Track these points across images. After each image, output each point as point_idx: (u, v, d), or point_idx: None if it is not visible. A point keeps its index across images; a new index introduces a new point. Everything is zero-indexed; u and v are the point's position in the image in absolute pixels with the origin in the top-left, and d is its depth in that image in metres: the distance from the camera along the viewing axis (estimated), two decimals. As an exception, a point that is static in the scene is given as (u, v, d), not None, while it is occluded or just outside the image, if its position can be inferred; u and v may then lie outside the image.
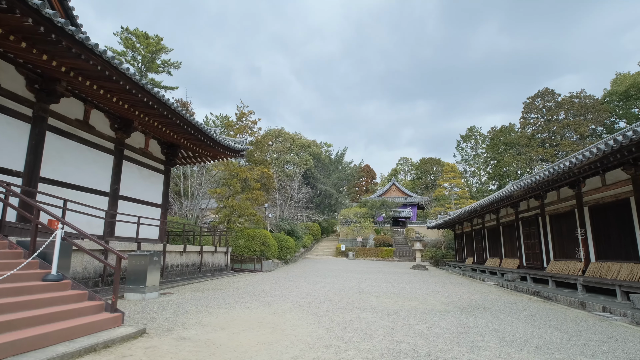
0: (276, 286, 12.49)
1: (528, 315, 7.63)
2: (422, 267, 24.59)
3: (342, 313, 7.39)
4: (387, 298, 9.93)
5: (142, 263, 9.14)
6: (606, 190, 11.39)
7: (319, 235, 47.30)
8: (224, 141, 17.33)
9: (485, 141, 55.23)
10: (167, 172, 17.27)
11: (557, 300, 11.11)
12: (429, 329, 6.01)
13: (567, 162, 9.98)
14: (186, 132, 14.40)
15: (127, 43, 28.23)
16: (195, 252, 15.64)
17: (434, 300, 9.65)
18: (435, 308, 8.32)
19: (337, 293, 10.87)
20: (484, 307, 8.65)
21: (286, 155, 46.60)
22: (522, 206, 17.70)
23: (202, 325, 6.04)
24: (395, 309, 8.11)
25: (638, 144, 7.27)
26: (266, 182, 26.82)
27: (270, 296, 9.84)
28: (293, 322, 6.42)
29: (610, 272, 10.93)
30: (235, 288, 11.68)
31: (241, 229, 23.18)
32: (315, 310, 7.63)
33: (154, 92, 11.09)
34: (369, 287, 12.85)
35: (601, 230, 11.87)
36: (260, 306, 8.11)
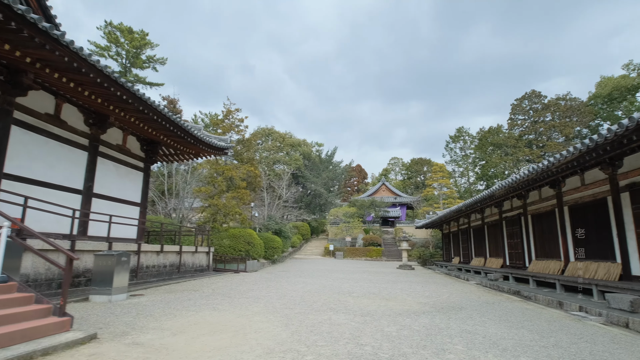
0: (255, 287, 12.24)
1: (503, 315, 7.50)
2: (409, 266, 24.51)
3: (314, 315, 7.18)
4: (365, 299, 9.75)
5: (109, 264, 8.82)
6: (585, 190, 11.36)
7: (309, 235, 47.07)
8: (206, 138, 17.02)
9: (474, 142, 55.56)
10: (147, 169, 16.88)
11: (537, 300, 11.04)
12: (399, 330, 5.82)
13: (546, 161, 9.90)
14: (165, 129, 14.07)
15: (110, 37, 27.67)
16: (174, 252, 15.30)
17: (412, 301, 9.50)
18: (412, 309, 8.16)
19: (316, 293, 10.66)
20: (460, 307, 8.52)
21: (276, 154, 46.29)
22: (505, 206, 17.69)
23: (162, 329, 5.78)
24: (371, 309, 7.92)
25: (613, 142, 7.18)
26: (252, 181, 26.50)
27: (245, 297, 9.60)
28: (260, 324, 6.20)
29: (588, 272, 10.89)
30: (211, 289, 11.40)
31: (226, 228, 22.85)
32: (287, 312, 7.41)
33: (128, 86, 10.75)
34: (350, 287, 12.67)
35: (580, 229, 11.83)
36: (231, 308, 7.87)
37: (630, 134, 6.67)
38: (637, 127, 6.40)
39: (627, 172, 9.50)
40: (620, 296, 8.02)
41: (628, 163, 9.44)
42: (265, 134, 47.97)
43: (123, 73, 29.38)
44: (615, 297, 8.15)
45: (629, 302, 7.71)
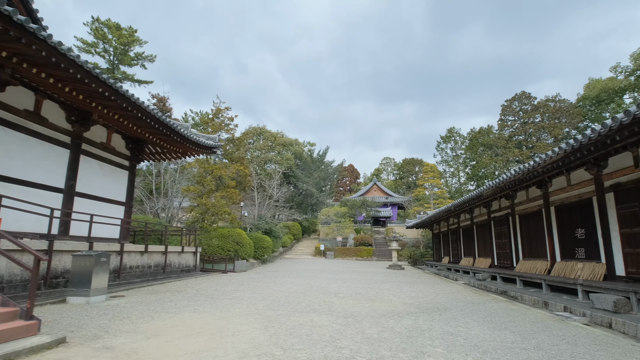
0: (241, 288, 12.07)
1: (487, 316, 7.44)
2: (398, 266, 24.48)
3: (296, 316, 7.05)
4: (350, 299, 9.65)
5: (87, 264, 8.60)
6: (571, 190, 11.38)
7: (300, 235, 46.92)
8: (193, 137, 16.81)
9: (464, 142, 55.86)
10: (132, 168, 16.64)
11: (523, 300, 11.03)
12: (380, 332, 5.72)
13: (532, 161, 9.88)
14: (150, 127, 13.86)
15: (97, 34, 27.19)
16: (159, 253, 15.06)
17: (398, 301, 9.41)
18: (396, 309, 8.07)
19: (301, 294, 10.53)
20: (445, 308, 8.45)
21: (267, 153, 46.05)
22: (494, 206, 17.72)
23: (136, 332, 5.61)
24: (355, 311, 7.82)
25: (597, 143, 7.16)
26: (242, 181, 26.28)
27: (228, 298, 9.44)
28: (239, 327, 6.05)
29: (573, 272, 10.91)
30: (195, 290, 11.22)
31: (214, 228, 22.62)
32: (269, 314, 7.27)
33: (110, 82, 10.54)
34: (337, 287, 12.57)
35: (566, 230, 11.86)
36: (212, 309, 7.71)
37: (613, 134, 6.65)
38: (620, 127, 6.37)
39: (611, 172, 9.52)
40: (603, 296, 8.02)
41: (613, 164, 9.46)
42: (257, 133, 47.71)
43: (111, 70, 28.96)
44: (599, 297, 8.15)
45: (612, 303, 7.70)
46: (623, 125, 6.30)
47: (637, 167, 8.63)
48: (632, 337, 6.30)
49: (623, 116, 6.25)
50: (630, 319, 6.97)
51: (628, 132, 6.39)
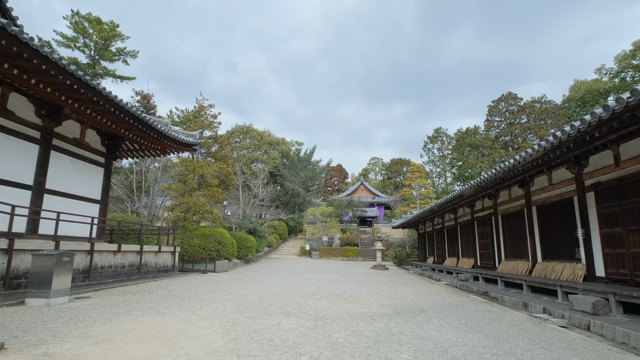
0: (216, 288, 11.68)
1: (463, 318, 7.20)
2: (383, 266, 24.27)
3: (264, 319, 6.71)
4: (326, 301, 9.34)
5: (48, 264, 8.13)
6: (552, 189, 11.25)
7: (286, 235, 46.51)
8: (171, 133, 16.35)
9: (451, 143, 56.05)
10: (109, 165, 16.14)
11: (503, 301, 10.85)
12: (347, 337, 5.42)
13: (513, 159, 9.70)
14: (125, 122, 13.42)
15: (77, 28, 26.41)
16: (134, 252, 14.56)
17: (375, 303, 9.13)
18: (371, 311, 7.78)
19: (277, 295, 10.19)
20: (422, 309, 8.19)
21: (254, 152, 45.54)
22: (477, 206, 17.60)
23: (87, 336, 5.22)
24: (327, 313, 7.51)
25: (576, 139, 6.96)
26: (225, 179, 25.79)
27: (199, 300, 9.05)
28: (199, 331, 5.70)
29: (554, 272, 10.78)
30: (167, 291, 10.79)
31: (196, 227, 22.12)
32: (236, 317, 6.92)
33: (79, 74, 10.09)
34: (316, 288, 12.25)
35: (547, 230, 11.74)
36: (178, 312, 7.32)
37: (592, 130, 6.46)
38: (599, 123, 6.17)
39: (592, 171, 9.38)
40: (582, 298, 7.84)
41: (593, 162, 9.33)
42: (244, 132, 47.17)
43: (91, 65, 28.19)
44: (578, 298, 7.97)
45: (590, 304, 7.52)
46: (602, 121, 6.10)
47: (617, 165, 8.49)
48: (609, 340, 6.11)
49: (602, 112, 6.05)
50: (609, 321, 6.78)
51: (607, 128, 6.20)
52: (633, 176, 8.08)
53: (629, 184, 8.25)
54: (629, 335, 5.88)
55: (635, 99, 5.34)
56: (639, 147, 7.80)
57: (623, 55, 39.17)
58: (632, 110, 5.56)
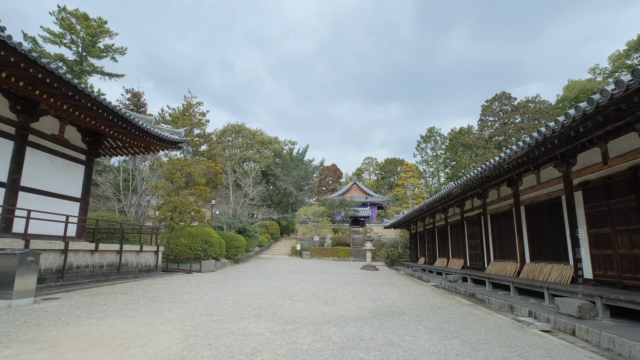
0: (195, 289, 11.29)
1: (442, 322, 6.86)
2: (372, 267, 23.94)
3: (231, 323, 6.34)
4: (304, 303, 8.98)
5: (10, 264, 7.71)
6: (540, 188, 10.95)
7: (278, 234, 46.10)
8: (154, 130, 15.95)
9: (445, 142, 55.81)
10: (90, 162, 15.71)
11: (489, 303, 10.55)
12: (313, 343, 5.06)
13: (498, 156, 9.38)
14: (104, 118, 13.02)
15: (63, 24, 25.86)
16: (114, 252, 14.12)
17: (354, 305, 8.78)
18: (347, 315, 7.43)
19: (254, 297, 9.81)
20: (402, 312, 7.85)
21: (246, 151, 45.07)
22: (467, 205, 17.31)
23: (34, 342, 4.84)
24: (301, 316, 7.15)
25: (560, 135, 6.64)
26: (213, 178, 25.36)
27: (172, 302, 8.67)
28: (158, 335, 5.32)
29: (542, 274, 10.49)
30: (142, 292, 10.39)
31: (182, 226, 21.68)
32: (203, 320, 6.55)
33: (52, 68, 9.70)
34: (298, 289, 11.89)
35: (536, 231, 11.44)
36: (144, 315, 6.93)
37: (577, 125, 6.14)
38: (583, 117, 5.86)
39: (580, 169, 9.08)
40: (568, 301, 7.54)
41: (581, 160, 9.03)
42: (236, 131, 46.68)
43: (78, 62, 27.64)
44: (564, 301, 7.67)
45: (576, 308, 7.22)
46: (586, 115, 5.78)
47: (605, 163, 8.20)
48: (594, 346, 5.81)
49: (586, 105, 5.73)
50: (595, 326, 6.48)
51: (592, 123, 5.89)
52: (621, 174, 7.79)
53: (617, 183, 7.95)
54: (614, 341, 5.57)
55: (620, 91, 5.02)
56: (627, 144, 7.51)
57: (617, 55, 39.12)
58: (616, 103, 5.24)
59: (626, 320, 6.91)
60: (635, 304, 6.24)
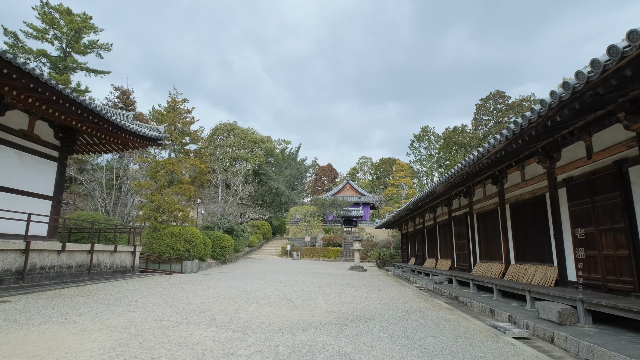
0: (164, 292, 10.74)
1: (410, 329, 6.32)
2: (361, 268, 23.40)
3: (176, 330, 5.79)
4: (270, 307, 8.43)
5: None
6: (525, 186, 10.43)
7: (270, 234, 45.52)
8: (130, 126, 15.39)
9: (438, 141, 55.24)
10: (63, 159, 15.15)
11: (471, 306, 10.03)
12: (253, 355, 4.51)
13: (476, 151, 8.85)
14: (74, 113, 12.47)
15: (45, 19, 25.23)
16: (84, 252, 13.55)
17: (323, 309, 8.24)
18: (311, 320, 6.89)
19: (221, 300, 9.26)
20: (371, 317, 7.31)
21: (238, 150, 44.46)
22: (454, 205, 16.80)
23: None
24: (258, 322, 6.60)
25: (537, 126, 6.11)
26: (198, 177, 24.77)
27: (129, 305, 8.11)
28: (84, 345, 4.78)
29: (526, 276, 9.98)
30: (105, 294, 9.82)
31: (165, 226, 21.09)
32: (147, 326, 6.00)
33: (8, 57, 9.14)
34: (272, 291, 11.34)
35: (521, 230, 10.93)
36: (86, 320, 6.37)
37: (554, 114, 5.61)
38: (560, 104, 5.33)
39: (564, 165, 8.57)
40: (549, 305, 7.02)
41: (566, 155, 8.52)
42: (228, 130, 46.08)
43: (62, 58, 27.01)
44: (544, 306, 7.14)
45: (557, 313, 6.69)
46: (563, 102, 5.26)
47: (589, 158, 7.68)
48: (572, 355, 5.31)
49: (561, 91, 5.21)
50: (575, 333, 5.96)
51: (569, 111, 5.36)
52: (605, 169, 7.27)
53: (601, 178, 7.44)
54: (593, 350, 5.06)
55: (596, 73, 4.50)
56: (611, 137, 6.99)
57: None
58: (593, 88, 4.72)
59: (609, 326, 6.40)
60: (617, 310, 5.72)
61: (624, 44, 4.11)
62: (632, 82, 4.54)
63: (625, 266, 6.79)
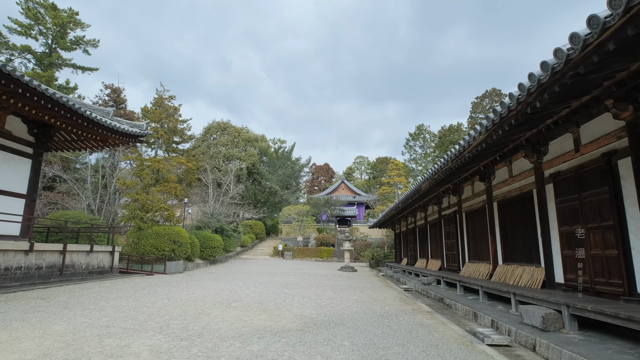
0: (134, 294, 10.20)
1: (379, 336, 5.78)
2: (351, 268, 22.85)
3: (116, 338, 5.25)
4: (237, 310, 7.88)
5: None
6: (512, 182, 9.91)
7: (263, 234, 44.95)
8: (108, 123, 14.84)
9: (434, 140, 54.59)
10: (38, 156, 14.63)
11: (456, 309, 9.51)
12: (188, 369, 3.98)
13: (457, 144, 8.31)
14: (44, 107, 11.95)
15: (29, 14, 24.64)
16: (56, 252, 13.00)
17: (294, 313, 7.69)
18: (274, 326, 6.34)
19: (187, 304, 8.71)
20: (340, 323, 6.76)
21: (231, 149, 43.87)
22: (444, 203, 16.28)
23: None
24: (215, 328, 6.05)
25: (517, 114, 5.58)
26: (185, 176, 24.20)
27: (85, 309, 7.57)
28: (1, 356, 4.24)
29: (513, 277, 9.45)
30: (67, 297, 9.28)
31: (149, 225, 20.53)
32: (88, 334, 5.45)
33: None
34: (248, 293, 10.79)
35: (508, 229, 10.39)
36: (25, 327, 5.82)
37: (533, 99, 5.08)
38: (539, 88, 4.80)
39: (552, 159, 8.04)
40: (532, 309, 6.48)
41: (553, 149, 7.99)
42: (221, 128, 45.49)
43: (47, 54, 26.43)
44: (527, 310, 6.61)
45: (540, 318, 6.16)
46: (542, 86, 4.74)
47: (577, 151, 7.15)
48: (553, 366, 4.76)
49: (540, 72, 4.68)
50: (558, 340, 5.44)
51: (549, 95, 4.83)
52: (594, 162, 6.74)
53: (589, 172, 6.91)
54: (575, 361, 4.53)
55: (576, 50, 3.96)
56: (599, 128, 6.46)
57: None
58: (574, 67, 4.19)
59: (597, 333, 5.87)
60: (604, 316, 5.19)
61: (606, 13, 3.58)
62: (617, 59, 4.01)
63: (614, 267, 6.27)
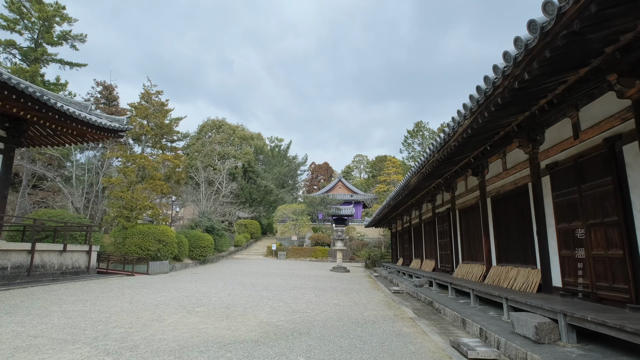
0: (98, 297, 9.46)
1: (343, 350, 4.98)
2: (343, 269, 22.04)
3: (32, 353, 4.49)
4: (198, 317, 7.09)
5: None
6: (506, 175, 9.08)
7: (259, 234, 44.20)
8: (85, 117, 14.13)
9: (433, 137, 53.68)
10: (9, 151, 13.94)
11: (444, 315, 8.71)
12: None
13: (442, 133, 7.49)
14: (8, 98, 11.25)
15: (12, 7, 23.94)
16: (23, 251, 12.25)
17: (259, 320, 6.89)
18: (229, 336, 5.55)
19: (149, 308, 7.94)
20: (306, 332, 5.95)
21: (225, 147, 43.11)
22: (438, 200, 15.45)
23: None
24: (159, 338, 5.28)
25: (504, 90, 4.75)
26: (172, 174, 23.43)
27: (27, 315, 6.81)
28: None
29: (507, 279, 8.64)
30: (20, 301, 8.54)
31: (133, 224, 19.79)
32: (3, 346, 4.68)
33: None
34: (221, 296, 10.01)
35: (502, 227, 9.57)
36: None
37: (521, 71, 4.27)
38: (527, 56, 3.99)
39: (548, 149, 7.22)
40: (525, 317, 5.67)
41: (550, 137, 7.17)
42: (216, 127, 44.74)
43: (33, 49, 25.73)
44: (519, 318, 5.79)
45: (533, 328, 5.34)
46: (530, 52, 3.92)
47: (576, 138, 6.32)
48: (544, 388, 3.95)
49: (529, 36, 3.87)
50: (553, 355, 4.65)
51: (539, 64, 4.02)
52: (595, 149, 5.90)
53: (590, 161, 6.08)
54: (571, 384, 3.73)
55: (569, 1, 3.15)
56: (601, 110, 5.64)
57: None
58: (568, 25, 3.37)
59: (598, 346, 5.06)
60: (606, 328, 4.37)
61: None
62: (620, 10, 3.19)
63: (619, 270, 5.44)
